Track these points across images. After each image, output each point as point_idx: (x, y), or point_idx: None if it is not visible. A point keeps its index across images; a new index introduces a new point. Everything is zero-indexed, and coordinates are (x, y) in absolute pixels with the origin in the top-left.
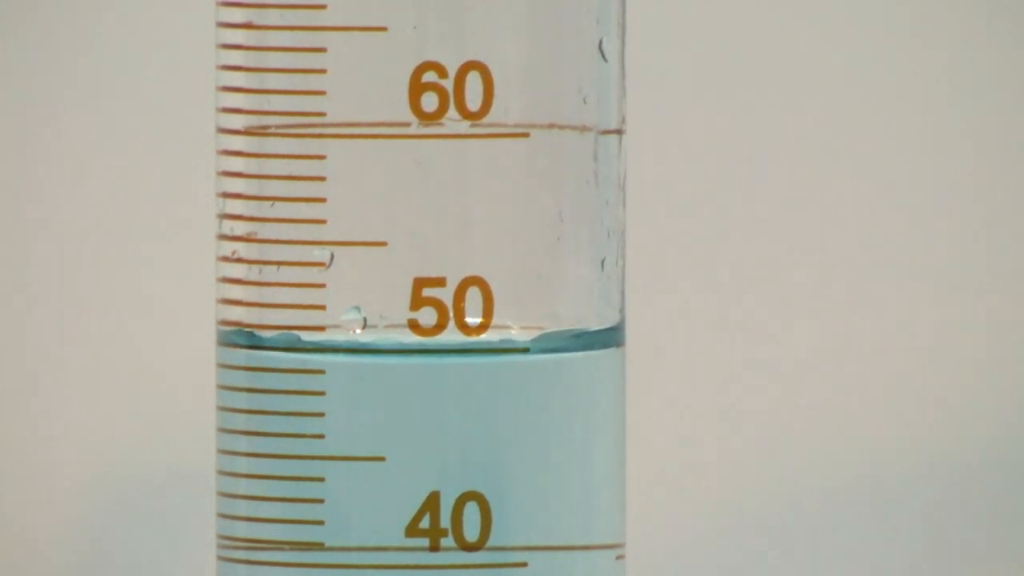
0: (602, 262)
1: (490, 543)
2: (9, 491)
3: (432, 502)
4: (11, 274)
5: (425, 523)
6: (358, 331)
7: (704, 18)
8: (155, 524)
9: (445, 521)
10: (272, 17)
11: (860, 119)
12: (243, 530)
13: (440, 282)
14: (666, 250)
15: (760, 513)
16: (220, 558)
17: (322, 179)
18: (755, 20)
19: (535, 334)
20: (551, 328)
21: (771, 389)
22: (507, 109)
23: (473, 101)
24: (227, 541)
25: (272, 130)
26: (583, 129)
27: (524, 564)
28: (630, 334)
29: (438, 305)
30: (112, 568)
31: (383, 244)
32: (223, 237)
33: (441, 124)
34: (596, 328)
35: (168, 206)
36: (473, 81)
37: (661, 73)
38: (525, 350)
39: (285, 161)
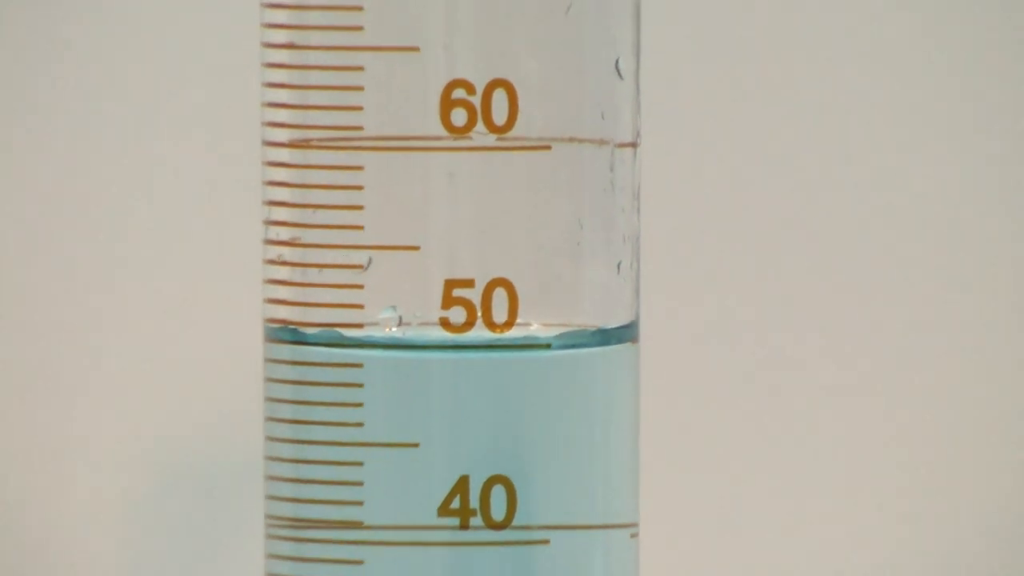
0: (618, 265)
1: (515, 522)
2: (80, 474)
3: (462, 485)
4: (88, 272)
5: (456, 504)
6: (394, 328)
7: (713, 37)
8: (210, 505)
9: (474, 502)
10: (313, 38)
11: (863, 132)
12: (288, 510)
13: (469, 283)
14: (678, 254)
15: (763, 500)
16: (268, 536)
17: (360, 188)
18: (760, 38)
19: (556, 331)
20: (571, 326)
21: (774, 381)
22: (530, 124)
23: (499, 116)
24: (274, 520)
25: (313, 143)
26: (601, 142)
27: (547, 542)
28: (644, 331)
29: (467, 305)
30: (172, 544)
31: (416, 248)
32: (269, 242)
33: (469, 137)
34: (613, 326)
35: (221, 214)
36: (499, 98)
37: (674, 90)
38: (547, 346)
39: (325, 172)
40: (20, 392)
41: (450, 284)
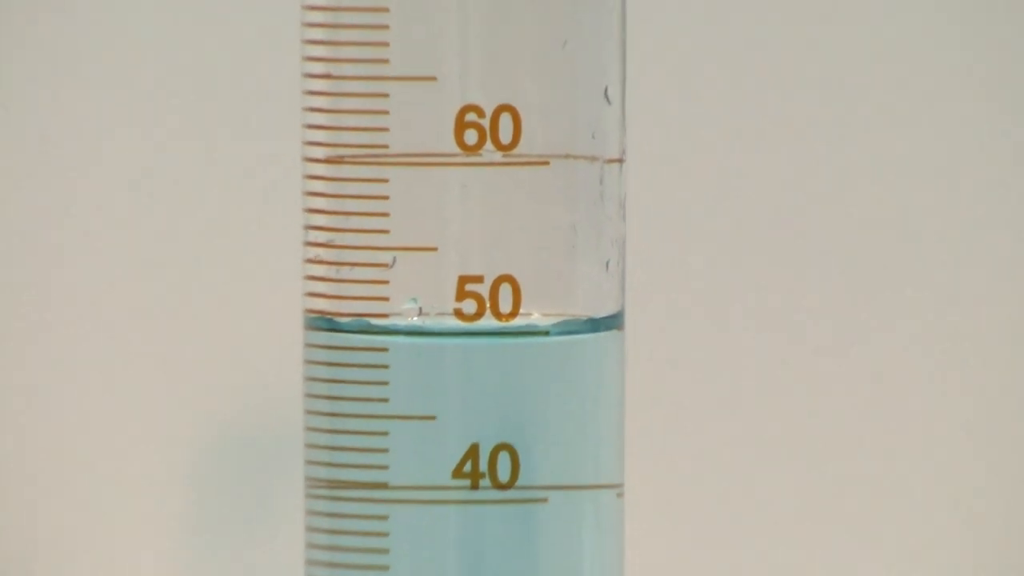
0: (607, 264)
1: (519, 483)
2: (142, 444)
3: (473, 451)
4: (159, 269)
5: (467, 468)
6: (414, 318)
7: (690, 69)
8: (258, 470)
9: (483, 466)
10: (346, 69)
11: (833, 143)
12: (324, 473)
13: (479, 279)
14: (658, 254)
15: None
16: (307, 496)
17: (385, 198)
18: (736, 70)
19: (554, 320)
20: (566, 315)
21: (734, 362)
22: (532, 142)
23: (505, 136)
24: (312, 482)
25: (346, 159)
26: (592, 159)
27: (545, 500)
28: (628, 320)
29: (477, 297)
30: (225, 505)
31: (434, 249)
32: (308, 244)
33: (480, 155)
34: (602, 315)
35: (268, 220)
36: (505, 120)
37: (656, 114)
38: (546, 333)
39: (356, 184)
40: (93, 371)
41: (463, 280)
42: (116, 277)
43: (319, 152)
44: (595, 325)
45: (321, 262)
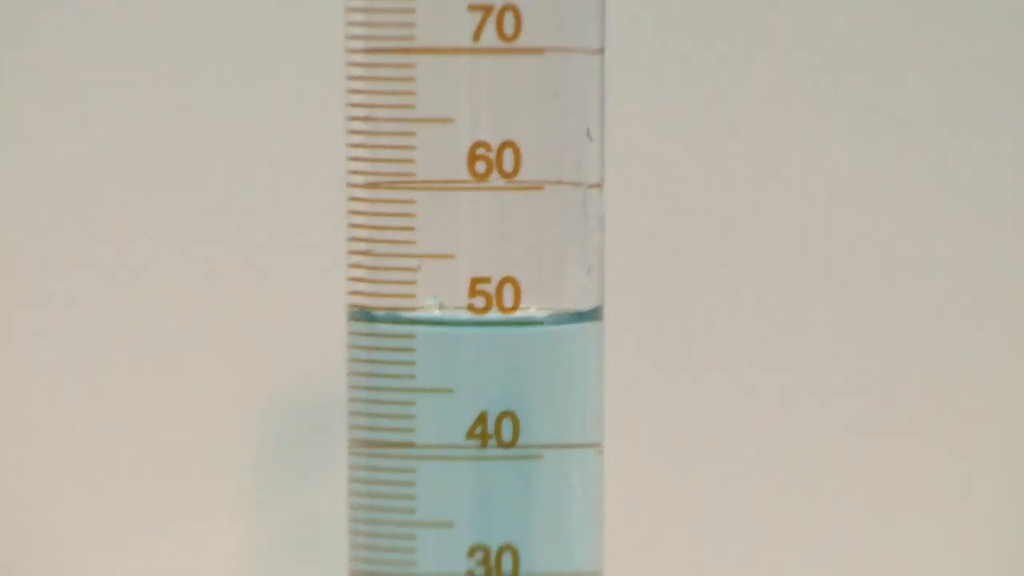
0: (589, 268)
1: (519, 443)
2: (215, 412)
3: (482, 417)
4: (231, 267)
5: (478, 431)
6: (436, 311)
7: (662, 111)
8: (309, 434)
9: (491, 429)
10: (381, 113)
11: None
12: (363, 436)
13: (487, 280)
14: (631, 259)
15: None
16: (349, 454)
17: (413, 216)
18: (704, 108)
19: (547, 313)
20: (557, 309)
21: (708, 340)
22: (530, 171)
23: (508, 166)
24: (353, 443)
25: (381, 184)
26: (577, 184)
27: (541, 456)
28: (607, 313)
29: (486, 295)
30: (282, 464)
31: (451, 256)
32: (351, 252)
33: (487, 181)
34: (585, 309)
35: (316, 231)
36: (508, 154)
37: (629, 148)
38: (541, 323)
39: (389, 204)
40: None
41: (474, 281)
42: (191, 278)
43: (360, 179)
44: (579, 317)
45: (361, 267)
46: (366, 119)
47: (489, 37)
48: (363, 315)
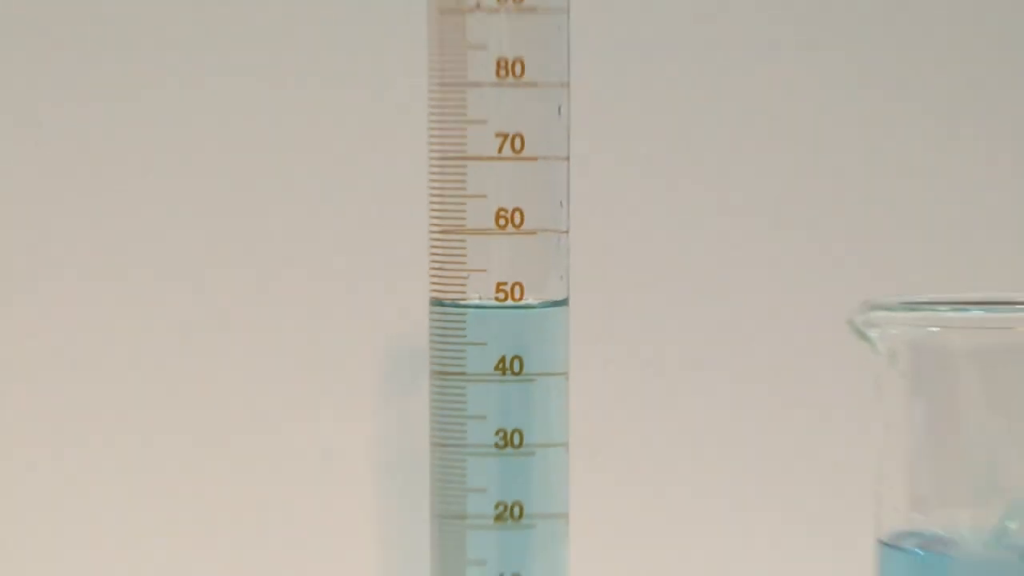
0: (560, 277)
1: (523, 372)
2: (325, 367)
3: (503, 359)
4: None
5: (500, 365)
6: (477, 300)
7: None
8: (410, 371)
9: (507, 365)
10: (449, 192)
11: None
12: (438, 368)
13: (506, 284)
14: (583, 272)
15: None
16: (431, 382)
17: (464, 249)
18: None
19: (538, 301)
20: (543, 299)
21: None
22: (529, 224)
23: (517, 221)
24: (433, 375)
25: (449, 230)
26: (555, 231)
27: (534, 380)
28: (572, 301)
29: (505, 291)
30: (391, 388)
31: (485, 271)
32: (432, 268)
33: (505, 230)
34: (559, 299)
35: (417, 256)
36: (517, 214)
37: (589, 197)
38: (535, 307)
39: (452, 241)
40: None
41: (498, 284)
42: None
43: (436, 225)
44: (555, 304)
45: (437, 277)
46: (440, 194)
47: (507, 152)
48: (437, 303)
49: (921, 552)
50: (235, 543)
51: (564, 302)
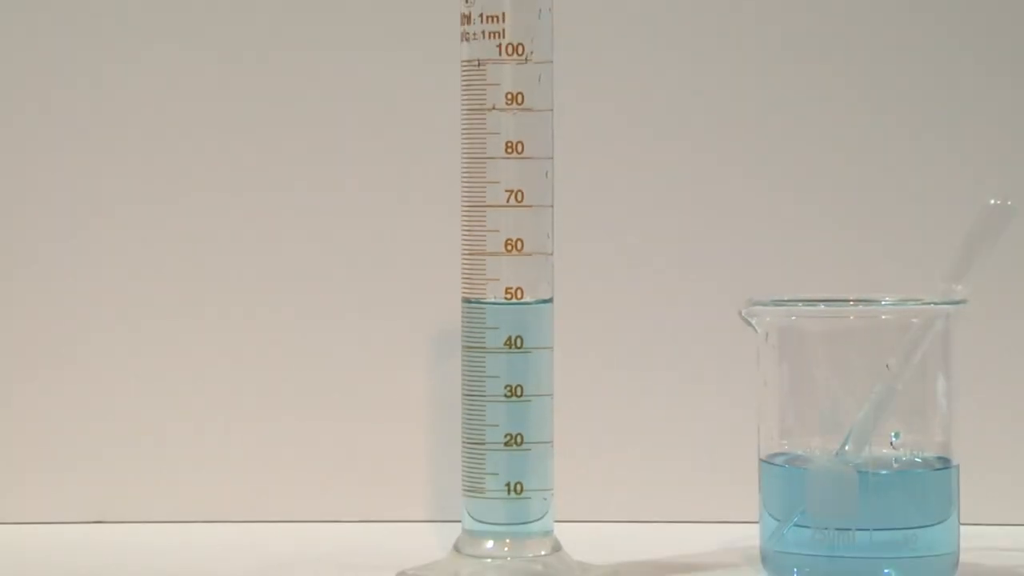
0: (549, 282)
1: (524, 347)
2: (381, 338)
3: (509, 338)
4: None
5: (508, 342)
6: (492, 299)
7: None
8: (448, 347)
9: (515, 343)
10: (476, 230)
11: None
12: (467, 344)
13: (512, 288)
14: (564, 277)
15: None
16: (462, 355)
17: (484, 265)
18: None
19: (533, 299)
20: (536, 298)
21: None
22: (527, 248)
23: (519, 247)
24: (464, 349)
25: (474, 252)
26: (544, 253)
27: (531, 352)
28: (556, 299)
29: (511, 293)
30: (431, 360)
31: (498, 279)
32: (463, 274)
33: (511, 253)
34: (545, 298)
35: (452, 264)
36: (519, 242)
37: (576, 247)
38: (531, 303)
39: (476, 261)
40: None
41: (507, 288)
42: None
43: (466, 247)
44: (544, 301)
45: (467, 280)
46: (468, 229)
47: (512, 202)
48: (467, 300)
49: (787, 466)
50: (333, 442)
51: (550, 300)
